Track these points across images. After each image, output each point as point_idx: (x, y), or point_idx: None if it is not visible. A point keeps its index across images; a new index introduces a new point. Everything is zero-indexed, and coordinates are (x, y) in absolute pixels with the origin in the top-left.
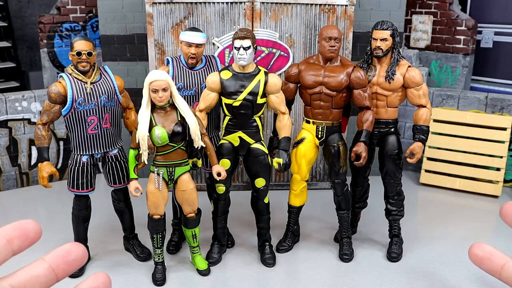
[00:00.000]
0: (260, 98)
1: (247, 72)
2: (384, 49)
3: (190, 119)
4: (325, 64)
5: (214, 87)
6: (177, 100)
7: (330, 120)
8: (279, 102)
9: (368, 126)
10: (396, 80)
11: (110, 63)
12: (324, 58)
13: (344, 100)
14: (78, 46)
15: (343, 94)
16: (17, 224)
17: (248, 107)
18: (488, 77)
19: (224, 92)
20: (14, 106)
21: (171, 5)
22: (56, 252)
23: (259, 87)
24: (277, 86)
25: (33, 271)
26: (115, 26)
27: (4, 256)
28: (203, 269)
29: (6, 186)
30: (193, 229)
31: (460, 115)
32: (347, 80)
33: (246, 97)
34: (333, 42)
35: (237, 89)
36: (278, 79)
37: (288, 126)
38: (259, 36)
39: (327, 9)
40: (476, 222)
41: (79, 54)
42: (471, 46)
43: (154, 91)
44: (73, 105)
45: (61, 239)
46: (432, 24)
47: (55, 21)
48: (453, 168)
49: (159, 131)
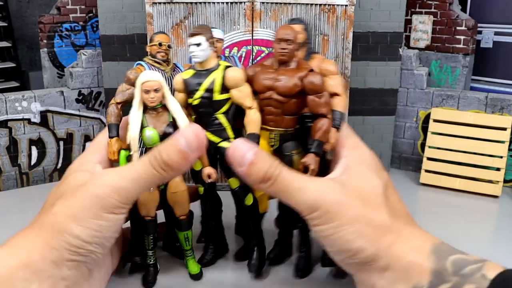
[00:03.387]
0: (219, 94)
1: (205, 69)
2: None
3: (182, 120)
4: (279, 67)
5: (178, 88)
6: (169, 101)
7: (282, 127)
8: (242, 96)
9: (321, 136)
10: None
11: (110, 63)
12: (277, 61)
13: (298, 106)
14: (160, 38)
15: (297, 100)
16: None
17: (207, 105)
18: (488, 77)
19: (186, 91)
20: (14, 106)
21: (171, 5)
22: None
23: (214, 83)
24: (237, 79)
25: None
26: (115, 26)
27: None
28: (195, 273)
29: (6, 186)
30: (185, 232)
31: (460, 115)
32: (300, 85)
33: (203, 94)
34: (284, 44)
35: (194, 88)
36: (238, 72)
37: (254, 121)
38: (259, 36)
39: (327, 9)
40: (476, 222)
41: (160, 45)
42: (471, 46)
43: (146, 91)
44: None
45: None
46: (432, 24)
47: (55, 21)
48: (453, 168)
49: (150, 132)
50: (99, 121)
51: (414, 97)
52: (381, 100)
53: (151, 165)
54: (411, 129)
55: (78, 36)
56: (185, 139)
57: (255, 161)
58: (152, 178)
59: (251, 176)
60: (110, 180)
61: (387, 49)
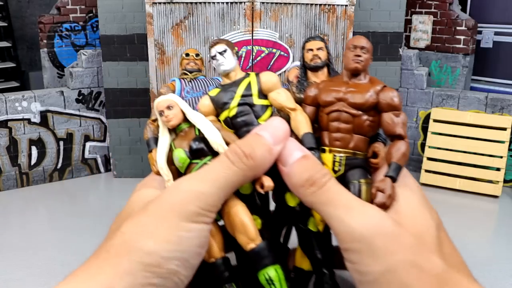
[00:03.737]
0: (258, 98)
1: (234, 81)
2: (322, 58)
3: (205, 128)
4: (350, 79)
5: (205, 110)
6: (189, 114)
7: (350, 148)
8: (284, 99)
9: (399, 159)
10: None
11: (110, 63)
12: (349, 73)
13: (370, 125)
14: (187, 50)
15: (369, 117)
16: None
17: (247, 113)
18: (488, 77)
19: (217, 107)
20: (14, 106)
21: (171, 5)
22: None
23: (251, 87)
24: (273, 81)
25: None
26: (115, 26)
27: None
28: None
29: (6, 186)
30: (265, 270)
31: (460, 115)
32: (375, 98)
33: (240, 101)
34: (359, 51)
35: (227, 99)
36: (273, 75)
37: (304, 121)
38: (259, 36)
39: (327, 9)
40: (476, 222)
41: (187, 55)
42: (471, 46)
43: (160, 113)
44: (181, 94)
45: (61, 239)
46: (432, 24)
47: (55, 21)
48: (453, 168)
49: (176, 153)
50: (99, 121)
51: (414, 97)
52: None
53: (230, 161)
54: (411, 129)
55: (78, 36)
56: (267, 130)
57: (302, 161)
58: (232, 176)
59: (293, 177)
60: (185, 186)
61: (387, 49)
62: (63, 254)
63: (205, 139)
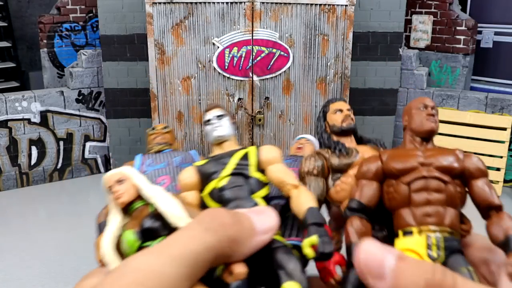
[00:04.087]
0: (255, 171)
1: (227, 151)
2: (354, 120)
3: (161, 200)
4: (421, 145)
5: (187, 182)
6: (143, 189)
7: (447, 225)
8: (282, 174)
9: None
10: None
11: (110, 63)
12: (419, 137)
13: (460, 197)
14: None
15: (457, 186)
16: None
17: (240, 185)
18: (488, 77)
19: (203, 178)
20: (14, 106)
21: (171, 5)
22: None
23: (248, 158)
24: (274, 153)
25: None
26: (115, 26)
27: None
28: None
29: (6, 186)
30: None
31: (460, 115)
32: (462, 165)
33: (234, 170)
34: (431, 110)
35: (217, 168)
36: (274, 148)
37: (306, 196)
38: (259, 36)
39: (327, 9)
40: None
41: (153, 129)
42: (471, 46)
43: (109, 189)
44: (141, 168)
45: (61, 239)
46: (432, 24)
47: (55, 21)
48: None
49: (124, 236)
50: (99, 121)
51: (414, 97)
52: (381, 100)
53: (202, 228)
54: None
55: (78, 36)
56: (257, 214)
57: (402, 265)
58: (204, 250)
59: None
60: (138, 263)
61: (387, 49)
62: (63, 254)
63: (161, 217)
